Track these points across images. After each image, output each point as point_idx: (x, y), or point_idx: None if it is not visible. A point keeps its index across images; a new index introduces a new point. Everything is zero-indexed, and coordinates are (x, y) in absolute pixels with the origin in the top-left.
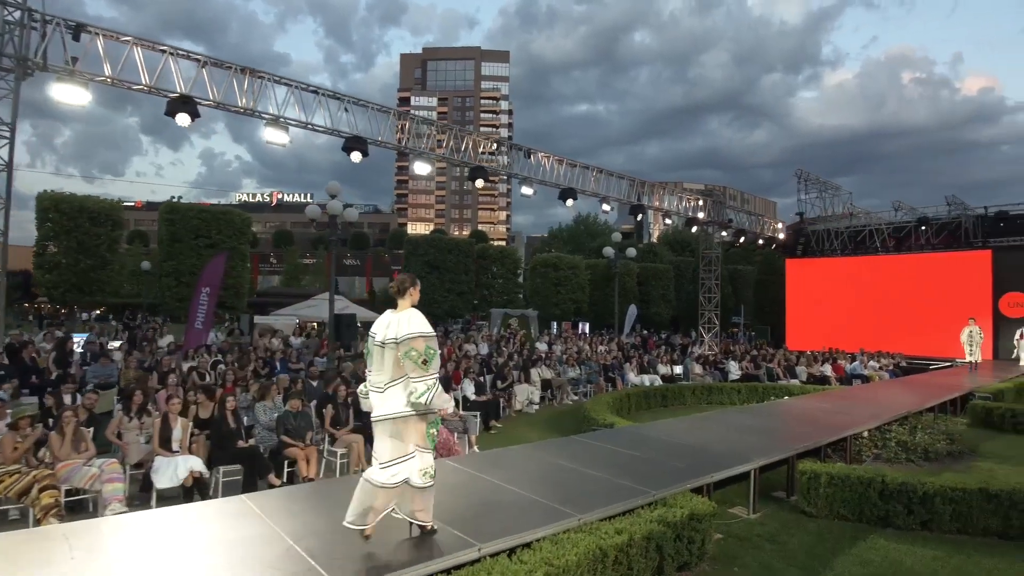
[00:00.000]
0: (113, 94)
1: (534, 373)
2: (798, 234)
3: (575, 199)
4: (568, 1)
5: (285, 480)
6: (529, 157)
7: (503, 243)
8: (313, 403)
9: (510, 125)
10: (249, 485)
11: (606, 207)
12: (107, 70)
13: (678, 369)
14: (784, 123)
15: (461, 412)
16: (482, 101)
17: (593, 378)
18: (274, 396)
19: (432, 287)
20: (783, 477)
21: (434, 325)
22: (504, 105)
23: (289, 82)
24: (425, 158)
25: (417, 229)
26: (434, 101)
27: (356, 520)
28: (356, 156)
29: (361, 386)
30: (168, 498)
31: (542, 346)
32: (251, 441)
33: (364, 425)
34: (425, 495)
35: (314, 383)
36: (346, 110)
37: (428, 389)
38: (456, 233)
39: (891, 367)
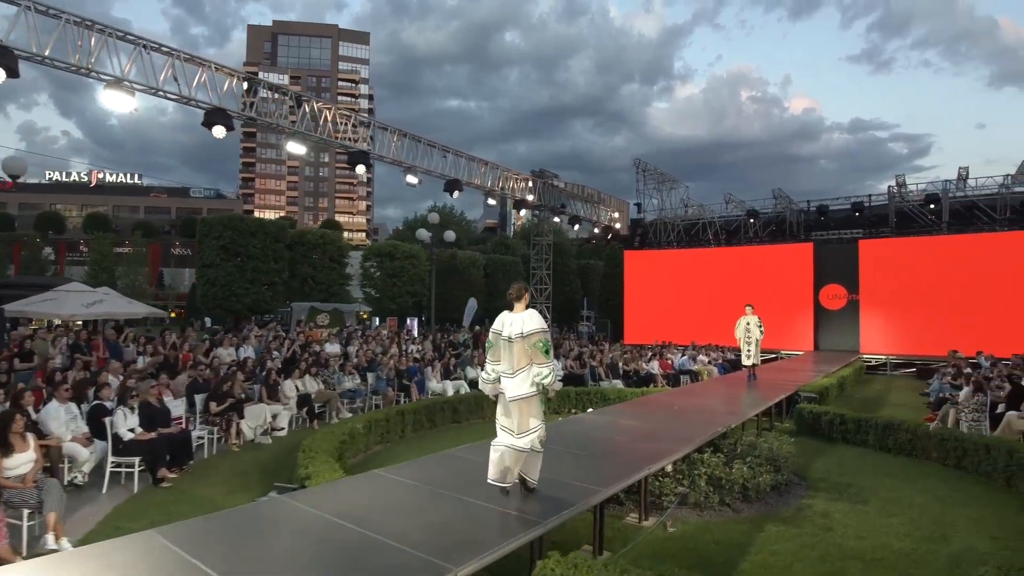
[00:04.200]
0: None
1: (288, 386)
2: (636, 226)
3: (368, 165)
4: None
5: None
6: (301, 107)
7: (363, 235)
8: None
9: (371, 111)
10: None
11: (411, 179)
12: None
13: None
14: (640, 130)
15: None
16: (340, 83)
17: (381, 387)
18: None
19: (230, 277)
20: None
21: (235, 327)
22: (364, 89)
23: None
24: (118, 86)
25: (265, 217)
26: (285, 79)
27: (499, 479)
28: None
29: (484, 372)
30: None
31: (333, 348)
32: None
33: None
34: (538, 459)
35: None
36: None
37: (551, 372)
38: (310, 223)
39: (720, 361)
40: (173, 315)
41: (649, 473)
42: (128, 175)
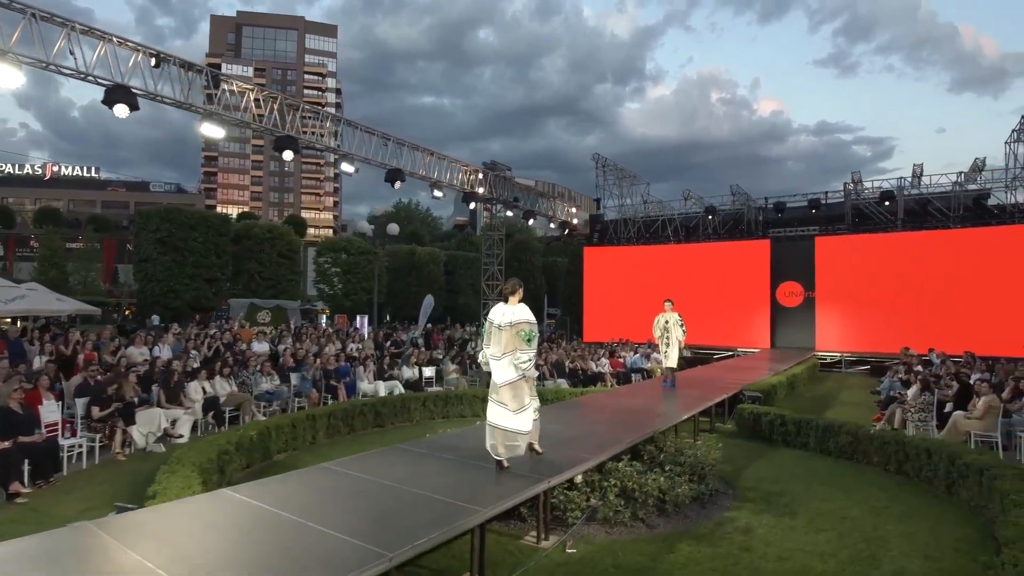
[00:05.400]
0: None
1: (194, 388)
2: (595, 222)
3: (296, 152)
4: None
5: None
6: (218, 87)
7: (330, 231)
8: None
9: (338, 105)
10: None
11: (347, 168)
12: None
13: (429, 371)
14: (613, 130)
15: None
16: (306, 76)
17: (305, 388)
18: None
19: (168, 272)
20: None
21: (170, 325)
22: (332, 83)
23: None
24: (1, 58)
25: (226, 212)
26: (250, 71)
27: (504, 454)
28: None
29: (480, 356)
30: None
31: (261, 347)
32: None
33: None
34: (536, 429)
35: None
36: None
37: (529, 359)
38: (275, 219)
39: None
40: (129, 313)
41: (549, 487)
42: (84, 168)
